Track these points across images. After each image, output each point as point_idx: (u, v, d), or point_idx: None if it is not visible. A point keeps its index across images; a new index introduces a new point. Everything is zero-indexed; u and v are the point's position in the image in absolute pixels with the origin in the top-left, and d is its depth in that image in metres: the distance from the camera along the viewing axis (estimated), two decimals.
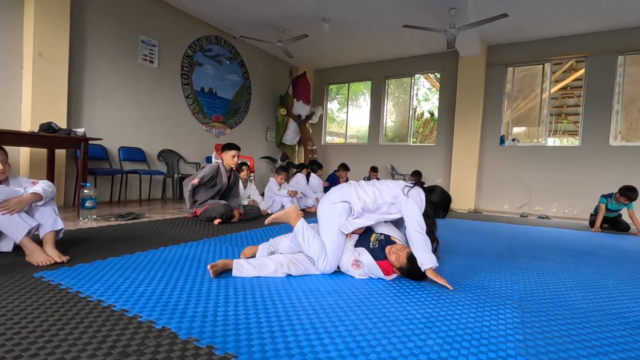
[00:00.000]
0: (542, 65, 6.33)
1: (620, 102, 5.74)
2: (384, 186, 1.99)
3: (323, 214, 1.94)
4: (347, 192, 1.97)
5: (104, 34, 4.62)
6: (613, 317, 1.47)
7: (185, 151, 5.77)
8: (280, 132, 7.67)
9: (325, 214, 1.93)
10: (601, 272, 2.25)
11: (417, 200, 1.88)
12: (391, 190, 1.95)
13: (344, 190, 1.99)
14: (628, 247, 3.29)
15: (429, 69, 7.35)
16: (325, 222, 1.91)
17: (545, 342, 1.19)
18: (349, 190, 1.97)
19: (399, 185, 1.97)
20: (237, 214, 3.57)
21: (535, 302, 1.60)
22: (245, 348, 1.05)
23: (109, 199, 4.70)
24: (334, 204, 1.93)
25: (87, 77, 4.49)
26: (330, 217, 1.90)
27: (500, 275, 2.03)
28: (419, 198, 1.90)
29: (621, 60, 5.67)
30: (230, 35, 6.53)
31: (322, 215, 1.95)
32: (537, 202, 6.21)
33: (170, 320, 1.20)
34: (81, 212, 3.20)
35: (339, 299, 1.51)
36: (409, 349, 1.10)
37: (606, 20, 5.34)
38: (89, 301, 1.34)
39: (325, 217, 1.92)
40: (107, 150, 4.65)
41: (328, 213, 1.92)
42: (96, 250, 2.09)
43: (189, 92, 5.86)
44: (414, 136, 7.80)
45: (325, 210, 1.94)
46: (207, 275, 1.72)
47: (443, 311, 1.43)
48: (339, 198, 1.95)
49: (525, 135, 7.10)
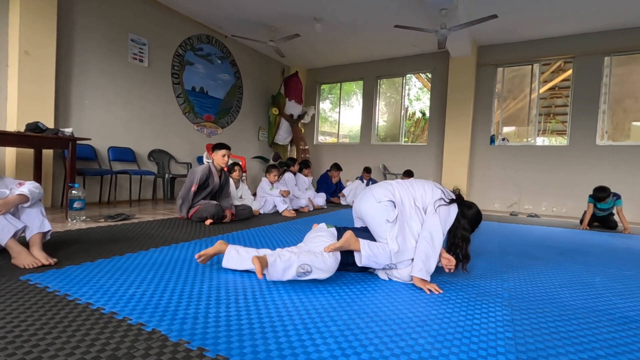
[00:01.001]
0: (531, 65, 6.42)
1: (606, 103, 5.85)
2: (419, 188, 1.91)
3: (372, 217, 1.83)
4: (390, 190, 1.88)
5: (92, 33, 4.55)
6: (600, 314, 1.49)
7: (176, 151, 5.72)
8: (273, 131, 7.64)
9: (374, 218, 1.82)
10: (589, 269, 2.29)
11: (444, 218, 1.78)
12: (426, 196, 1.88)
13: (388, 189, 1.89)
14: (616, 244, 3.36)
15: (420, 69, 7.40)
16: (377, 225, 1.81)
17: (535, 340, 1.21)
18: (392, 189, 1.88)
19: (434, 194, 1.87)
20: (229, 214, 3.55)
21: (524, 300, 1.62)
22: (237, 349, 1.04)
23: (98, 200, 4.63)
24: (379, 203, 1.82)
25: (76, 77, 4.42)
26: (380, 219, 1.80)
27: (491, 274, 2.05)
28: (447, 216, 1.79)
29: (607, 61, 5.78)
30: (222, 34, 6.49)
31: (369, 218, 1.85)
32: (527, 201, 6.30)
33: (161, 323, 1.19)
34: (69, 214, 3.14)
35: (331, 298, 1.51)
36: (401, 347, 1.11)
37: (593, 22, 5.44)
38: (77, 304, 1.32)
39: (375, 220, 1.82)
40: (96, 150, 4.58)
41: (376, 214, 1.82)
42: (85, 252, 2.06)
43: (179, 92, 5.80)
44: (405, 136, 7.84)
45: (372, 213, 1.84)
46: (199, 277, 1.71)
47: (434, 310, 1.44)
48: (384, 197, 1.84)
49: (515, 134, 7.20)
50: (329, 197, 5.96)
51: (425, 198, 1.87)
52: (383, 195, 1.85)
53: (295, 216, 4.28)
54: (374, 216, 1.83)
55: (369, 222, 1.87)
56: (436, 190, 1.89)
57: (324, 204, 5.49)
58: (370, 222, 1.85)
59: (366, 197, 1.92)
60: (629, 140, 5.90)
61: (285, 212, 4.35)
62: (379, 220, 1.80)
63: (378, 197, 1.84)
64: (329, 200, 5.86)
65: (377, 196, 1.85)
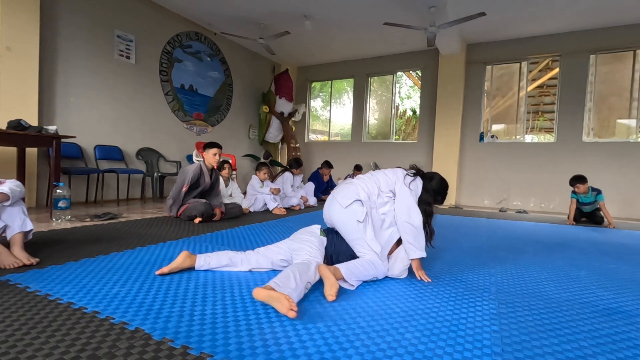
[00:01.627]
0: (519, 64, 6.49)
1: (592, 100, 5.94)
2: (381, 175, 1.91)
3: (343, 224, 1.80)
4: (352, 190, 1.83)
5: (77, 29, 4.45)
6: (584, 306, 1.51)
7: (165, 149, 5.64)
8: (263, 129, 7.60)
9: (345, 224, 1.78)
10: (574, 263, 2.33)
11: (415, 192, 1.83)
12: (389, 179, 1.88)
13: (349, 190, 1.84)
14: (600, 239, 3.42)
15: (410, 66, 7.42)
16: (351, 233, 1.76)
17: (520, 332, 1.22)
18: (354, 188, 1.84)
19: (396, 174, 1.90)
20: (219, 213, 3.52)
21: (511, 294, 1.63)
22: (222, 347, 1.03)
23: (84, 199, 4.55)
24: (346, 208, 1.78)
25: (60, 73, 4.32)
26: (351, 224, 1.76)
27: (479, 269, 2.07)
28: (417, 189, 1.85)
29: (593, 59, 5.88)
30: (211, 31, 6.42)
31: (341, 226, 1.81)
32: (516, 197, 6.38)
33: (145, 321, 1.17)
34: (54, 213, 3.08)
35: (319, 294, 1.50)
36: (387, 343, 1.10)
37: (579, 21, 5.52)
38: (59, 304, 1.28)
39: (347, 226, 1.78)
40: (82, 148, 4.49)
41: (346, 220, 1.77)
42: (69, 252, 2.02)
43: (168, 89, 5.73)
44: (396, 133, 7.87)
45: (342, 219, 1.79)
46: (185, 275, 1.68)
47: (422, 305, 1.44)
48: (348, 200, 1.79)
49: (504, 132, 7.28)
50: (320, 195, 5.96)
51: (389, 181, 1.88)
52: (347, 198, 1.80)
53: (285, 214, 4.26)
54: (345, 222, 1.78)
55: (342, 231, 1.81)
56: (397, 171, 1.93)
57: (315, 202, 5.49)
58: (344, 230, 1.80)
59: (332, 205, 1.86)
60: (613, 137, 6.01)
61: (275, 210, 4.33)
62: (351, 226, 1.76)
63: (343, 202, 1.79)
64: (320, 198, 5.85)
65: (341, 202, 1.80)
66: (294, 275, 1.40)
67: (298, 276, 1.40)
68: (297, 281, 1.38)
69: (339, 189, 1.91)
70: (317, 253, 1.70)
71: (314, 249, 1.71)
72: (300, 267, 1.49)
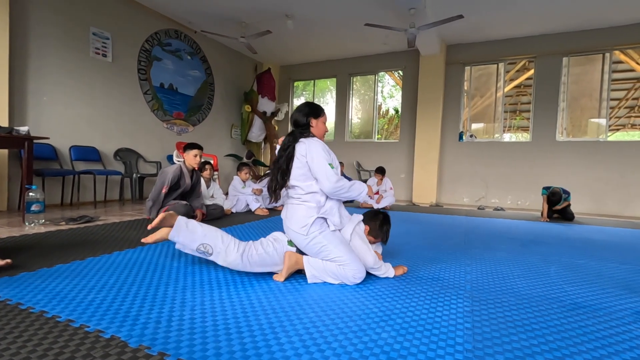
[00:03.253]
0: (496, 64, 6.66)
1: (565, 101, 6.17)
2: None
3: (305, 248, 1.75)
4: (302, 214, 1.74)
5: (49, 26, 4.30)
6: (552, 301, 1.59)
7: (144, 150, 5.52)
8: (245, 129, 7.54)
9: (306, 247, 1.74)
10: (546, 259, 2.43)
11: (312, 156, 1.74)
12: (296, 169, 1.77)
13: (298, 213, 1.75)
14: (571, 235, 3.56)
15: (392, 66, 7.51)
16: (315, 252, 1.73)
17: (491, 329, 1.27)
18: (304, 211, 1.75)
19: (297, 159, 1.77)
20: (200, 214, 3.48)
21: (484, 291, 1.69)
22: (200, 352, 1.03)
23: (60, 202, 4.41)
24: (306, 235, 1.71)
25: (32, 72, 4.17)
26: (313, 245, 1.72)
27: (455, 267, 2.13)
28: (315, 149, 1.75)
29: (566, 61, 6.10)
30: (191, 29, 6.31)
31: (303, 248, 1.76)
32: (494, 195, 6.56)
33: (121, 329, 1.15)
34: (27, 217, 2.98)
35: (299, 296, 1.52)
36: (364, 342, 1.13)
37: (552, 23, 5.71)
38: (31, 313, 1.25)
39: (309, 250, 1.74)
40: (56, 149, 4.35)
41: (310, 244, 1.73)
42: (42, 258, 1.96)
43: (147, 88, 5.61)
44: (379, 133, 7.95)
45: (303, 245, 1.74)
46: (164, 280, 1.67)
47: (399, 304, 1.48)
48: (302, 225, 1.72)
49: (483, 131, 7.46)
50: None
51: (296, 171, 1.77)
52: (301, 223, 1.71)
53: (268, 214, 4.25)
54: (309, 246, 1.73)
55: (309, 253, 1.76)
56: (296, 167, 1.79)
57: None
58: (311, 253, 1.75)
59: (289, 232, 1.78)
60: (585, 137, 6.26)
61: (258, 211, 4.32)
62: (316, 248, 1.72)
63: (300, 231, 1.71)
64: None
65: (298, 230, 1.72)
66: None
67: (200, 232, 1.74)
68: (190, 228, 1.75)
69: (289, 213, 1.79)
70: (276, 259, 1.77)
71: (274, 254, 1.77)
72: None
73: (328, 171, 1.71)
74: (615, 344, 1.19)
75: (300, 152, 1.75)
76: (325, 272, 1.70)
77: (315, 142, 1.77)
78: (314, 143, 1.76)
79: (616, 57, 6.02)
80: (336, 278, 1.69)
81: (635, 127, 10.62)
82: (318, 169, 1.72)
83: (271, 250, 1.76)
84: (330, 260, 1.70)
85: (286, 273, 1.74)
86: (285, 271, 1.73)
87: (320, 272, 1.71)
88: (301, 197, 1.77)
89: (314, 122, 1.86)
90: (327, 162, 1.72)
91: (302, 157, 1.74)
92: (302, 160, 1.74)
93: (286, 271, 1.73)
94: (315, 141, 1.78)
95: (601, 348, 1.16)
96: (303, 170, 1.75)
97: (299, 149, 1.76)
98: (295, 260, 1.75)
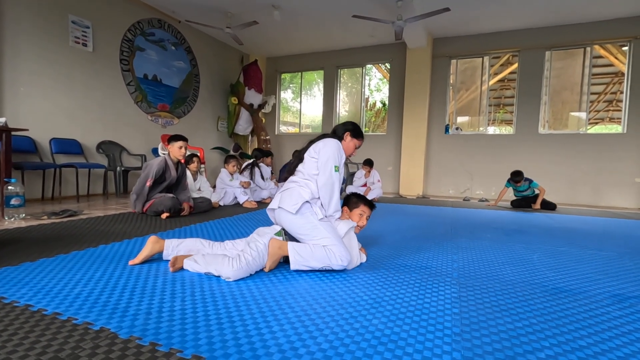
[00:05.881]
0: (481, 58, 6.75)
1: (547, 94, 6.32)
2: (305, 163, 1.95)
3: (295, 228, 1.78)
4: (296, 193, 1.81)
5: (25, 12, 4.13)
6: (535, 287, 1.64)
7: (128, 142, 5.40)
8: (232, 121, 7.45)
9: (299, 228, 1.77)
10: (529, 247, 2.50)
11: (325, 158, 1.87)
12: (306, 163, 1.92)
13: (292, 194, 1.82)
14: (553, 224, 3.68)
15: (379, 59, 7.52)
16: (305, 233, 1.76)
17: (478, 313, 1.31)
18: (298, 191, 1.83)
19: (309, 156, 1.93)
20: (187, 207, 3.44)
21: (471, 278, 1.74)
22: (192, 342, 1.03)
23: (40, 196, 4.28)
24: (297, 213, 1.76)
25: (8, 61, 4.00)
26: (304, 224, 1.76)
27: (443, 255, 2.17)
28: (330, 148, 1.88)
29: (548, 55, 6.23)
30: (175, 19, 6.16)
31: (296, 230, 1.78)
32: (479, 187, 6.70)
33: (110, 320, 1.14)
34: (6, 211, 2.88)
35: (290, 286, 1.53)
36: (355, 329, 1.15)
37: (535, 18, 5.81)
38: (15, 307, 1.22)
39: (300, 229, 1.77)
40: (35, 142, 4.21)
41: (300, 224, 1.77)
42: (25, 252, 1.91)
43: (130, 79, 5.46)
44: (366, 126, 7.98)
45: (294, 225, 1.78)
46: (153, 271, 1.65)
47: (389, 292, 1.50)
48: (294, 205, 1.77)
49: (469, 124, 7.58)
50: None
51: (306, 165, 1.91)
52: (293, 203, 1.77)
53: (256, 207, 4.23)
54: (299, 226, 1.77)
55: (298, 237, 1.79)
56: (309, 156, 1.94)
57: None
58: (300, 236, 1.78)
59: (280, 213, 1.82)
60: (566, 129, 6.43)
61: (246, 204, 4.29)
62: (306, 229, 1.76)
63: (291, 209, 1.76)
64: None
65: (289, 208, 1.77)
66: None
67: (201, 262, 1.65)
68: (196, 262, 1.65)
69: (282, 194, 1.86)
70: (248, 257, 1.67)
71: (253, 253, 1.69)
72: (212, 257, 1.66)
73: (331, 170, 1.86)
74: (595, 324, 1.25)
75: (314, 149, 1.91)
76: (312, 256, 1.68)
77: (333, 142, 1.91)
78: (332, 142, 1.90)
79: (596, 52, 6.18)
80: (321, 261, 1.68)
81: (613, 121, 10.96)
82: (324, 162, 1.85)
83: (262, 247, 1.74)
84: (319, 240, 1.73)
85: (270, 260, 1.69)
86: (269, 258, 1.68)
87: (305, 255, 1.68)
88: (299, 182, 1.88)
89: (348, 137, 2.02)
90: (334, 163, 1.86)
91: (315, 153, 1.90)
92: (314, 156, 1.91)
93: (270, 258, 1.68)
94: (335, 142, 1.92)
95: (582, 329, 1.21)
96: (312, 162, 1.92)
97: (314, 147, 1.92)
98: (278, 246, 1.69)
